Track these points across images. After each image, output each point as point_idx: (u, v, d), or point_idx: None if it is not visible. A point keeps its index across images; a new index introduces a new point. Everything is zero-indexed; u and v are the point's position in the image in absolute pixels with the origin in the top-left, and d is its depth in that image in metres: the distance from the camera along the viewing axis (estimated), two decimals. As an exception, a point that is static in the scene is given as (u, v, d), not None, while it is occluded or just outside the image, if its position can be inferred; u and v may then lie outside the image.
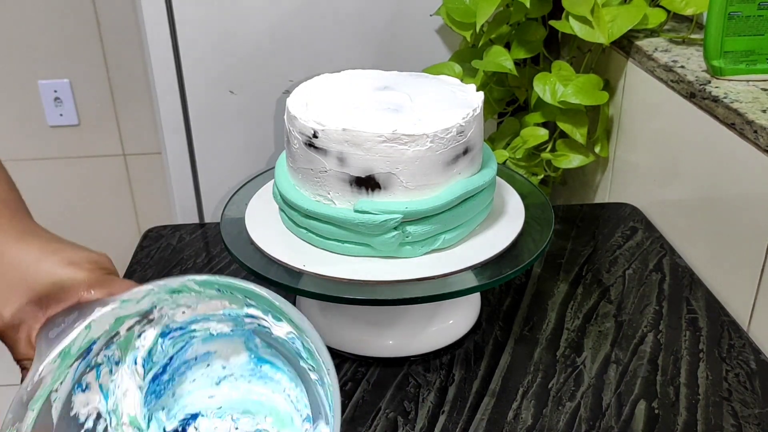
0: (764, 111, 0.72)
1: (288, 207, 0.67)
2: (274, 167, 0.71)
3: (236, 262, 0.66)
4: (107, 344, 0.49)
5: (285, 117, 0.66)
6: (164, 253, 0.88)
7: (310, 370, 0.48)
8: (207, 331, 0.52)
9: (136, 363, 0.50)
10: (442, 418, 0.63)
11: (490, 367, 0.69)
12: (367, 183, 0.61)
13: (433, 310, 0.71)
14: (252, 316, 0.49)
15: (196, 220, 1.27)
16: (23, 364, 0.48)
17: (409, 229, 0.62)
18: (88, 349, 0.48)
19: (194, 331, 0.51)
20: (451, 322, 0.72)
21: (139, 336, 0.50)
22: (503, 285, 0.80)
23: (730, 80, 0.80)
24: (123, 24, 1.58)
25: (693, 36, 0.93)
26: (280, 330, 0.48)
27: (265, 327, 0.49)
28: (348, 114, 0.62)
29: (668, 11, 0.94)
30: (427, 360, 0.70)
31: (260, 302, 0.48)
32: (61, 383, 0.46)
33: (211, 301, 0.50)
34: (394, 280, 0.62)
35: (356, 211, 0.62)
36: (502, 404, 0.65)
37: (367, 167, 0.60)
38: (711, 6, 0.79)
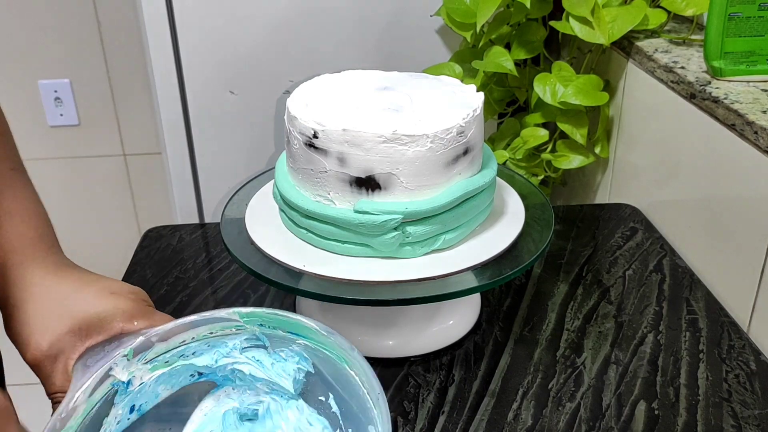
0: (764, 112, 0.72)
1: (288, 207, 0.67)
2: (274, 167, 0.71)
3: (236, 262, 0.66)
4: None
5: (285, 117, 0.66)
6: (164, 253, 0.88)
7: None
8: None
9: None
10: (441, 419, 0.63)
11: (490, 368, 0.69)
12: (368, 183, 0.61)
13: (433, 311, 0.71)
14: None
15: (196, 220, 1.27)
16: (56, 398, 0.47)
17: (409, 229, 0.62)
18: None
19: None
20: (451, 323, 0.72)
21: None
22: (503, 285, 0.80)
23: (730, 81, 0.80)
24: (123, 24, 1.58)
25: (693, 37, 0.93)
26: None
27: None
28: (348, 114, 0.62)
29: (668, 12, 0.94)
30: (427, 360, 0.70)
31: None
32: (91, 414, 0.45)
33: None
34: (394, 281, 0.62)
35: (356, 211, 0.62)
36: (502, 405, 0.65)
37: (367, 167, 0.60)
38: (711, 7, 0.79)
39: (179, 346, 0.49)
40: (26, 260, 0.50)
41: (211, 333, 0.50)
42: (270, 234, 0.68)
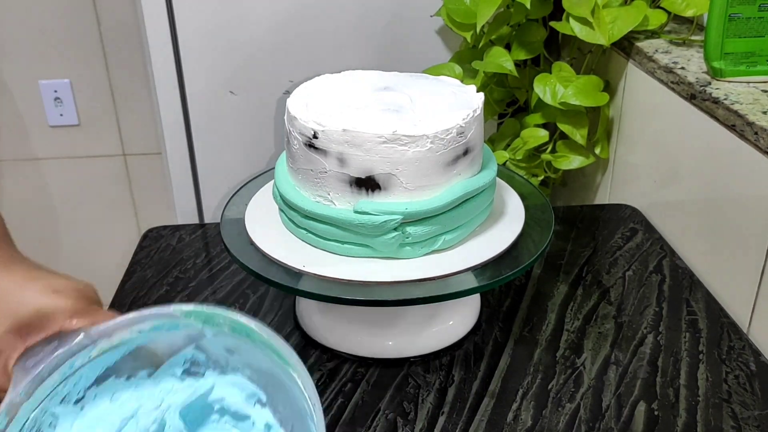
0: (765, 112, 0.72)
1: (288, 207, 0.67)
2: (274, 167, 0.71)
3: (236, 262, 0.66)
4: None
5: (285, 117, 0.66)
6: (164, 253, 0.88)
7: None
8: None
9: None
10: (441, 419, 0.63)
11: (490, 368, 0.69)
12: (367, 184, 0.61)
13: (432, 311, 0.71)
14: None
15: (196, 220, 1.27)
16: None
17: (409, 229, 0.62)
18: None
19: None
20: (451, 323, 0.72)
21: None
22: (503, 286, 0.80)
23: (730, 82, 0.80)
24: (123, 24, 1.58)
25: (693, 37, 0.93)
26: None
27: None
28: (348, 115, 0.62)
29: (669, 13, 0.94)
30: (426, 361, 0.70)
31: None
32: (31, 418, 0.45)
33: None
34: (393, 281, 0.62)
35: (356, 211, 0.62)
36: (502, 405, 0.64)
37: (367, 168, 0.60)
38: (711, 7, 0.79)
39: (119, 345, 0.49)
40: None
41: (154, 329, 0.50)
42: (270, 234, 0.68)
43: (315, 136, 0.61)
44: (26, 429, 0.45)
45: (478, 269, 0.64)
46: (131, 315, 0.48)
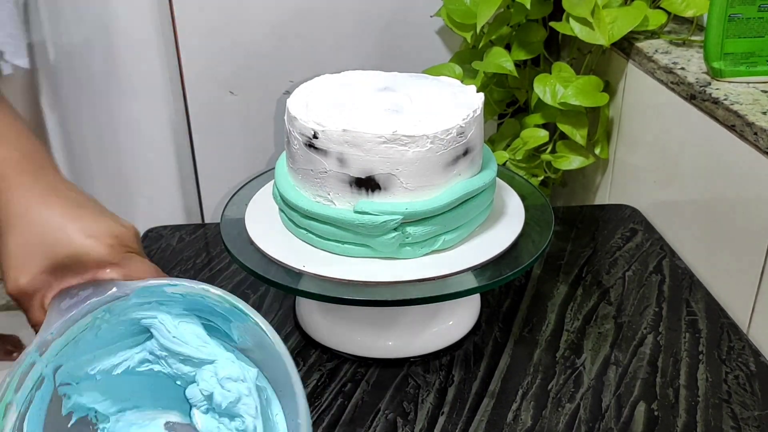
0: (764, 113, 0.72)
1: (288, 207, 0.67)
2: (274, 168, 0.71)
3: (236, 262, 0.66)
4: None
5: (285, 117, 0.66)
6: (164, 253, 0.88)
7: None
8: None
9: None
10: (441, 419, 0.63)
11: (490, 369, 0.69)
12: (367, 184, 0.61)
13: (432, 311, 0.71)
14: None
15: (196, 220, 1.27)
16: (36, 329, 0.48)
17: (409, 230, 0.62)
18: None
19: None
20: (451, 323, 0.72)
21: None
22: (503, 286, 0.80)
23: (730, 82, 0.80)
24: (123, 24, 1.58)
25: (693, 38, 0.93)
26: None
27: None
28: (348, 115, 0.62)
29: (669, 13, 0.94)
30: (426, 361, 0.70)
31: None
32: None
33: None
34: (393, 281, 0.62)
35: (356, 212, 0.62)
36: (502, 405, 0.65)
37: (367, 168, 0.60)
38: (711, 8, 0.79)
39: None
40: (12, 186, 0.49)
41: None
42: (270, 234, 0.68)
43: (315, 136, 0.61)
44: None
45: (478, 269, 0.64)
46: (162, 280, 0.50)
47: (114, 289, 0.48)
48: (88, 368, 0.50)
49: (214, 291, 0.49)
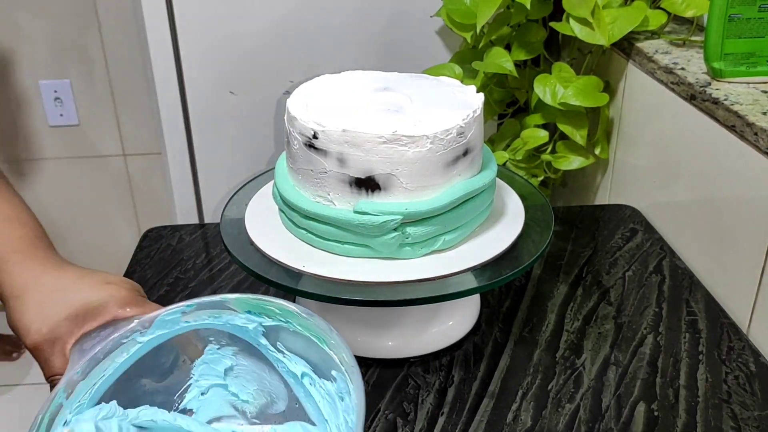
0: (764, 113, 0.72)
1: (288, 208, 0.67)
2: (274, 168, 0.71)
3: (236, 262, 0.66)
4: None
5: (285, 118, 0.66)
6: (164, 253, 0.88)
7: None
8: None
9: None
10: (441, 420, 0.63)
11: (490, 369, 0.69)
12: (367, 184, 0.61)
13: (432, 312, 0.71)
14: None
15: (196, 221, 1.27)
16: (53, 380, 0.50)
17: (409, 230, 0.62)
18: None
19: None
20: (451, 324, 0.72)
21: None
22: (503, 286, 0.80)
23: (730, 82, 0.80)
24: (123, 24, 1.58)
25: (693, 38, 0.93)
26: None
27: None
28: (348, 115, 0.62)
29: (669, 13, 0.94)
30: (426, 361, 0.70)
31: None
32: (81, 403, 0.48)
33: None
34: (393, 282, 0.62)
35: (356, 212, 0.62)
36: (502, 406, 0.65)
37: (367, 168, 0.60)
38: (711, 8, 0.79)
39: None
40: (27, 258, 0.54)
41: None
42: (270, 234, 0.68)
43: (315, 137, 0.61)
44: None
45: (478, 269, 0.64)
46: (181, 304, 0.52)
47: (135, 322, 0.50)
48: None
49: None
